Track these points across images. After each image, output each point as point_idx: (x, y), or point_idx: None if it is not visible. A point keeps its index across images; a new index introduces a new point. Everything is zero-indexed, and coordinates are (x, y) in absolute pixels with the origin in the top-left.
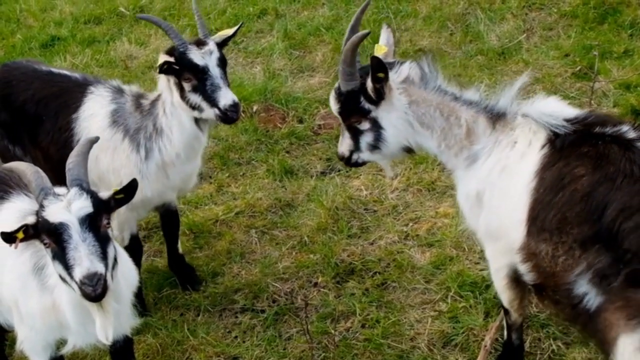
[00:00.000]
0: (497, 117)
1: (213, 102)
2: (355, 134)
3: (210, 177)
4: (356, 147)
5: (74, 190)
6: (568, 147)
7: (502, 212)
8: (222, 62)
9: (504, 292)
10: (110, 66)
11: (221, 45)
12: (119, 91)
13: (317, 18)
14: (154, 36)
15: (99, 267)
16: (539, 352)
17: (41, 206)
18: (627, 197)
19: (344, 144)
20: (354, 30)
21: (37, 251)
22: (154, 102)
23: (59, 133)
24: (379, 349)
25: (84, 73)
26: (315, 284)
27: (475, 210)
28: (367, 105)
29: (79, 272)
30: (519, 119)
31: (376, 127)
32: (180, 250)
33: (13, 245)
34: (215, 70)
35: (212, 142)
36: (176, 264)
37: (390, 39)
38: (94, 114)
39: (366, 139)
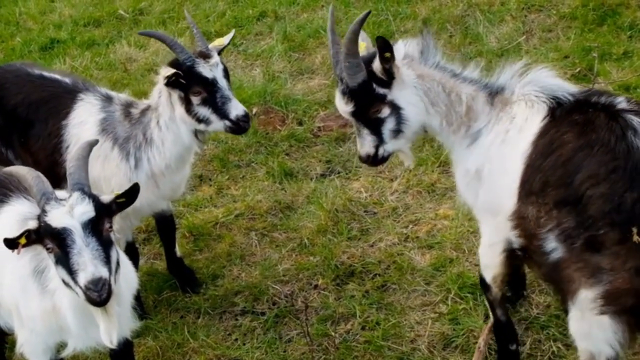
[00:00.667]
0: (495, 94)
1: (224, 114)
2: (377, 126)
3: (210, 179)
4: (380, 140)
5: (76, 195)
6: (564, 115)
7: (500, 184)
8: (227, 73)
9: (496, 267)
10: (109, 69)
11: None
12: (108, 99)
13: (317, 20)
14: (154, 39)
15: (103, 272)
16: (539, 353)
17: (43, 211)
18: (596, 165)
19: (367, 142)
20: (354, 42)
21: (37, 254)
22: (144, 111)
23: (49, 139)
24: (379, 351)
25: (75, 77)
26: (316, 286)
27: (474, 186)
28: (381, 91)
29: (83, 277)
30: (517, 94)
31: (395, 109)
32: (179, 254)
33: (15, 250)
34: (223, 82)
35: (211, 145)
36: (175, 267)
37: (363, 35)
38: (83, 122)
39: (388, 126)
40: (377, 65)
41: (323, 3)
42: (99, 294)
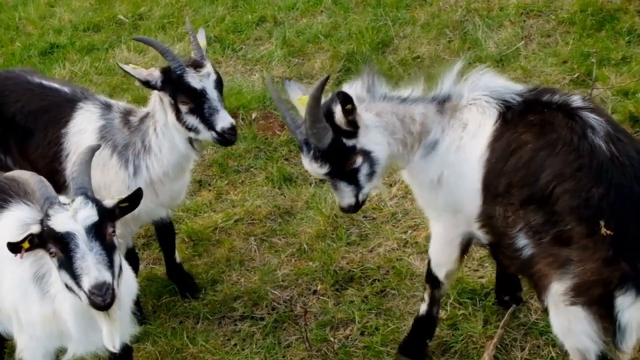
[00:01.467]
0: (443, 103)
1: (210, 125)
2: (353, 176)
3: (209, 184)
4: (358, 187)
5: (80, 199)
6: (517, 116)
7: (460, 187)
8: (219, 84)
9: (452, 263)
10: (109, 74)
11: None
12: (108, 107)
13: (316, 25)
14: None
15: (107, 276)
16: (538, 359)
17: (46, 215)
18: (561, 164)
19: (346, 194)
20: (316, 107)
21: (38, 259)
22: (142, 119)
23: (48, 147)
24: (378, 357)
25: (74, 86)
26: (315, 292)
27: (436, 191)
28: (350, 142)
29: (87, 282)
30: (467, 99)
31: (366, 154)
32: (178, 259)
33: (18, 255)
34: (212, 93)
35: (211, 150)
36: (175, 273)
37: (301, 88)
38: (82, 130)
39: (363, 172)
40: (339, 118)
41: (322, 8)
42: (102, 299)
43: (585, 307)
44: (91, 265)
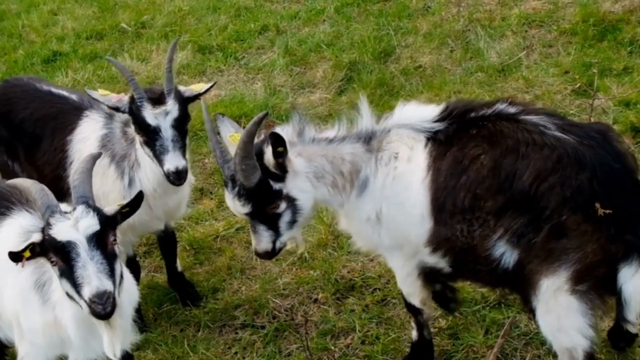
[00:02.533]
0: (369, 139)
1: (160, 163)
2: (274, 221)
3: (211, 192)
4: (277, 234)
5: (81, 208)
6: (454, 136)
7: (401, 217)
8: (180, 122)
9: (419, 293)
10: (111, 82)
11: (189, 100)
12: (111, 116)
13: (318, 34)
14: (156, 52)
15: (108, 285)
16: None
17: (48, 224)
18: (539, 162)
19: (264, 239)
20: (250, 143)
21: (39, 267)
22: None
23: (54, 153)
24: None
25: (82, 94)
26: (316, 300)
27: (377, 230)
28: (277, 186)
29: (88, 291)
30: (392, 132)
31: (291, 201)
32: (180, 268)
33: (20, 263)
34: (167, 132)
35: (213, 158)
36: (176, 281)
37: (234, 125)
38: (85, 138)
39: (285, 219)
40: (269, 160)
41: (325, 18)
42: (103, 307)
43: (583, 294)
44: (92, 275)
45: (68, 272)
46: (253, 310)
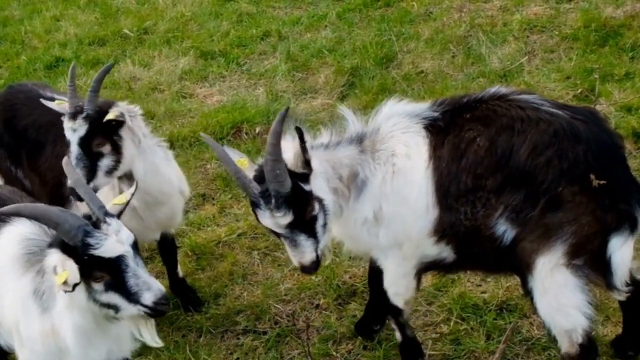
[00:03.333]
0: (361, 141)
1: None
2: (311, 227)
3: (213, 198)
4: (317, 241)
5: (114, 221)
6: (450, 122)
7: (405, 212)
8: (84, 141)
9: (410, 292)
10: (114, 87)
11: (100, 122)
12: None
13: (320, 40)
14: (158, 57)
15: (161, 285)
16: None
17: (87, 245)
18: (536, 136)
19: (307, 249)
20: (278, 144)
21: (37, 274)
22: None
23: (56, 160)
24: None
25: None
26: (317, 306)
27: (375, 231)
28: (307, 187)
29: (150, 296)
30: (384, 130)
31: (320, 202)
32: (181, 274)
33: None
34: (74, 148)
35: (214, 164)
36: (177, 287)
37: (233, 150)
38: None
39: (320, 222)
40: (292, 159)
41: (326, 23)
42: (167, 306)
43: (579, 269)
44: (148, 280)
45: (117, 284)
46: (255, 316)
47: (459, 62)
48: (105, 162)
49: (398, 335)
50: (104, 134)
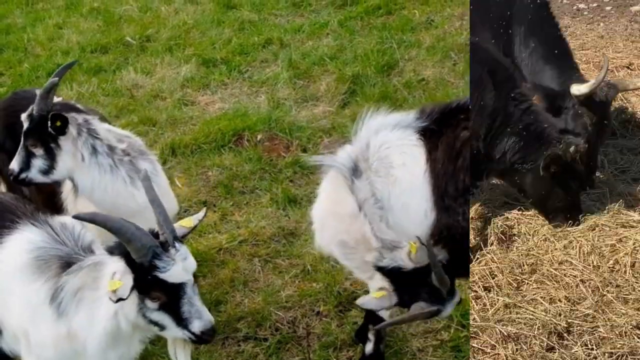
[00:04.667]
0: (355, 170)
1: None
2: None
3: (214, 205)
4: None
5: (183, 248)
6: (441, 126)
7: (405, 218)
8: (26, 135)
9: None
10: (116, 95)
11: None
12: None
13: (322, 48)
14: (160, 65)
15: (211, 317)
16: None
17: (154, 266)
18: None
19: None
20: None
21: (49, 280)
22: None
23: None
24: None
25: (88, 108)
26: (318, 313)
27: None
28: None
29: (200, 325)
30: (375, 145)
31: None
32: None
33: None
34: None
35: (216, 171)
36: None
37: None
38: None
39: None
40: None
41: (328, 31)
42: (212, 337)
43: None
44: (201, 310)
45: (172, 307)
46: (256, 323)
47: (460, 70)
48: (37, 162)
49: (369, 347)
50: (38, 136)
